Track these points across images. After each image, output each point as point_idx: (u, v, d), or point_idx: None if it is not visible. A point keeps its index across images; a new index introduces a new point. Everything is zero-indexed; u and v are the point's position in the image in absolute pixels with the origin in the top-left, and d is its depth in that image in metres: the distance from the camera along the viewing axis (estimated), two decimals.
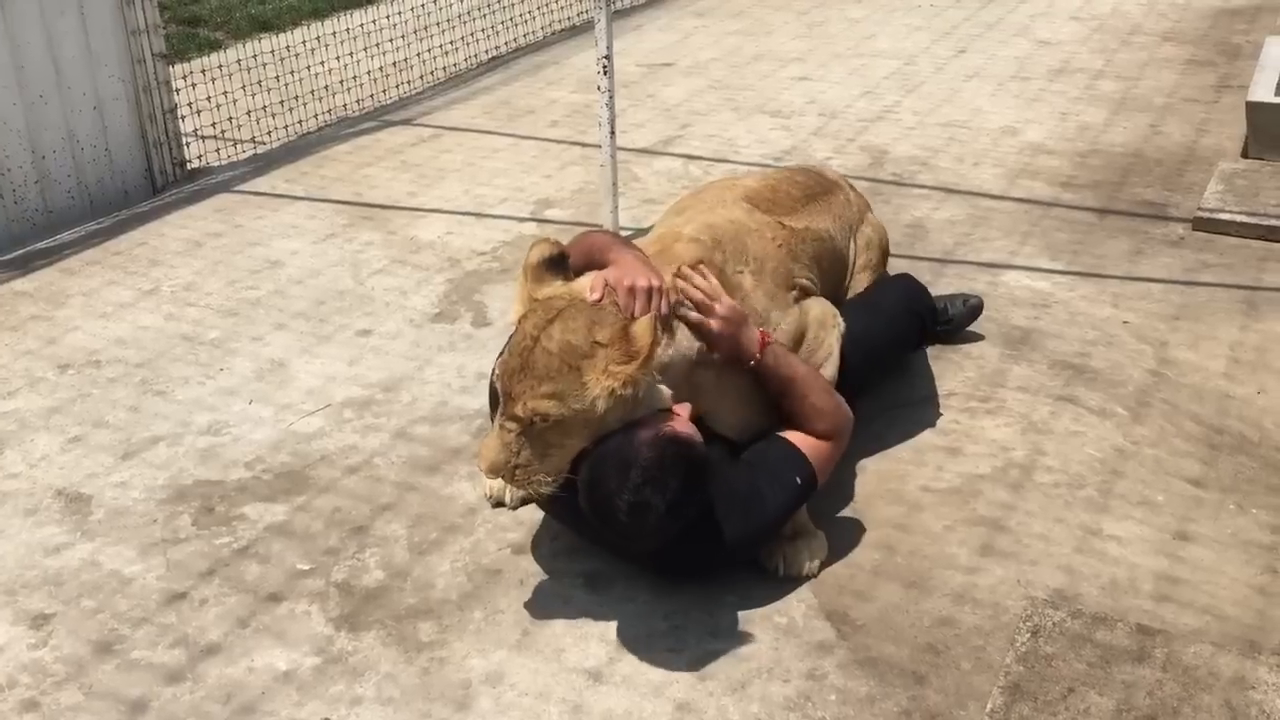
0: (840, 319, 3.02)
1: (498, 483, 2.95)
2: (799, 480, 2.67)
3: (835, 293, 3.29)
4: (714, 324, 2.66)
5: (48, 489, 3.15)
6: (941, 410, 3.36)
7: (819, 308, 3.03)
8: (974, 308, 3.70)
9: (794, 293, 3.01)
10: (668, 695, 2.44)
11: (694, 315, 2.66)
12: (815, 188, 3.39)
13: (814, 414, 2.73)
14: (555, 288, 2.61)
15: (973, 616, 2.61)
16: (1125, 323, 3.86)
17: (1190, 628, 2.57)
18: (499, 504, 2.98)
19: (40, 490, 3.14)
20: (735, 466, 2.69)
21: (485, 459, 2.47)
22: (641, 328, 2.45)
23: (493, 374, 2.60)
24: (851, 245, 3.41)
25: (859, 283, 3.41)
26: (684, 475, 2.40)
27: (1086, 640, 2.50)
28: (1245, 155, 5.07)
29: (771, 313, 2.88)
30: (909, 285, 3.48)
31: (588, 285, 2.60)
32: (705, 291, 2.68)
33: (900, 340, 3.35)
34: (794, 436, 2.72)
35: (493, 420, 2.58)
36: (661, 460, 2.38)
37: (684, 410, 2.57)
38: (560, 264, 2.66)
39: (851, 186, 3.61)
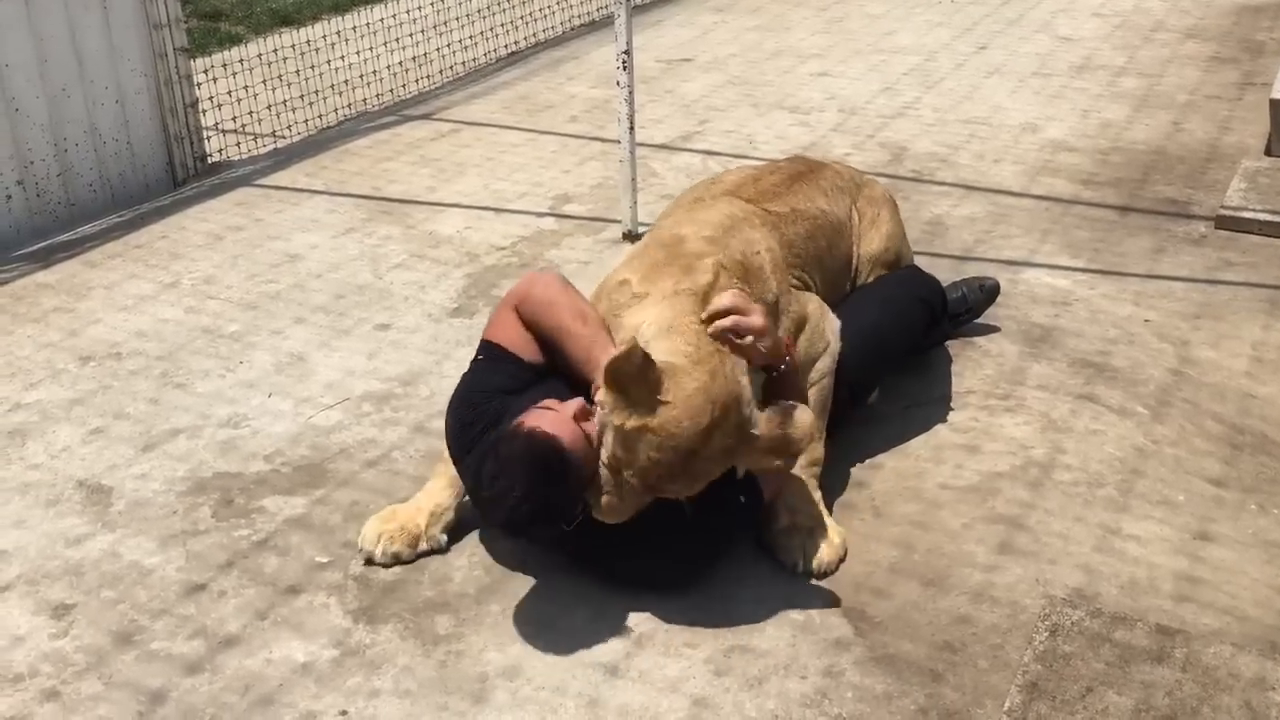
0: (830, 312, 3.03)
1: (371, 537, 2.80)
2: (742, 499, 2.69)
3: (846, 260, 3.28)
4: (762, 348, 2.60)
5: (69, 480, 3.17)
6: (960, 408, 3.34)
7: (816, 299, 3.04)
8: (991, 290, 3.69)
9: (793, 281, 3.01)
10: (684, 691, 2.44)
11: (746, 344, 2.59)
12: (799, 170, 3.36)
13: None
14: (668, 382, 2.45)
15: (991, 615, 2.60)
16: (1146, 321, 3.84)
17: (1210, 628, 2.56)
18: (369, 560, 2.80)
19: (61, 481, 3.16)
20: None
21: (612, 517, 2.50)
22: (803, 433, 2.49)
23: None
24: (853, 212, 3.36)
25: (871, 241, 3.35)
26: (535, 470, 2.40)
27: (1105, 640, 2.49)
28: (1269, 153, 5.04)
29: (781, 296, 2.88)
30: (915, 274, 3.48)
31: (688, 365, 2.48)
32: (737, 307, 2.61)
33: (910, 329, 3.30)
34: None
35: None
36: (515, 454, 2.42)
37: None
38: (651, 365, 2.45)
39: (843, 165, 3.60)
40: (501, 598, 2.70)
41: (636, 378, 2.42)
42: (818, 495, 2.85)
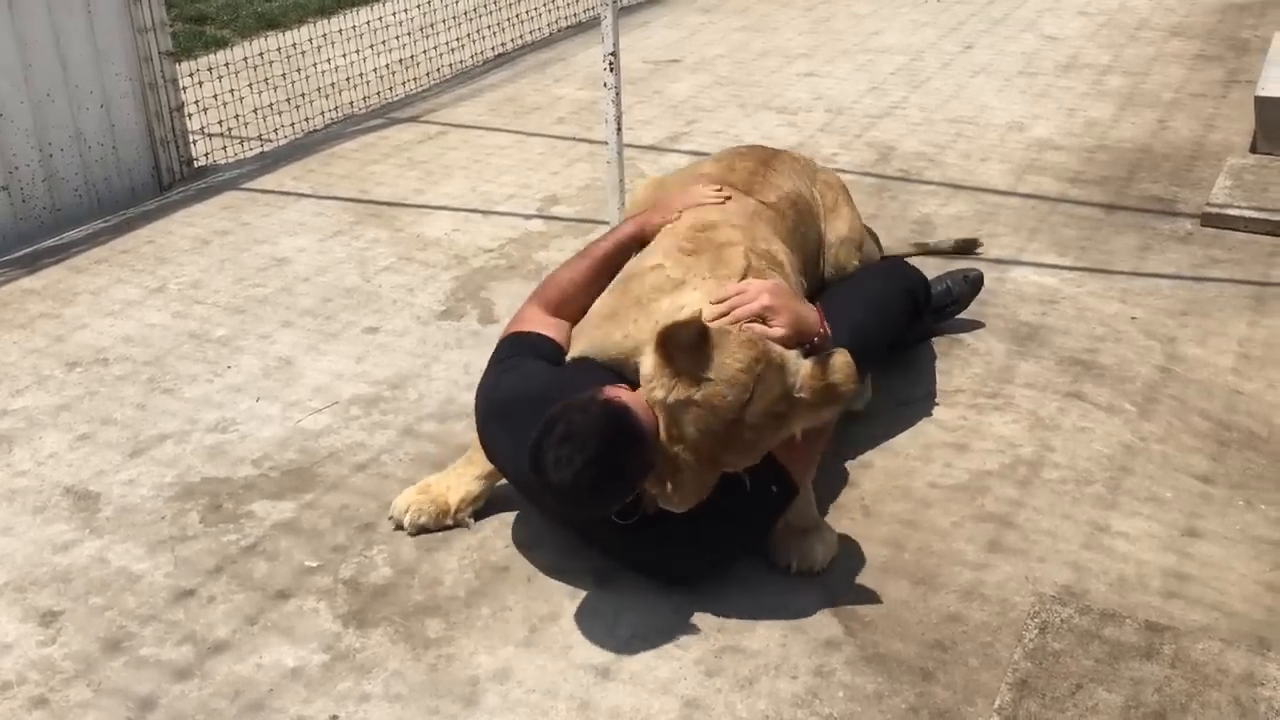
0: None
1: (402, 506, 2.91)
2: (775, 488, 2.66)
3: (817, 246, 3.32)
4: (777, 331, 2.59)
5: (56, 486, 3.15)
6: (949, 407, 3.35)
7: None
8: (975, 280, 3.73)
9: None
10: (675, 692, 2.44)
11: (762, 329, 2.58)
12: (763, 157, 3.41)
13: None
14: (714, 359, 2.46)
15: (981, 613, 2.61)
16: (1133, 319, 3.85)
17: (1199, 624, 2.57)
18: (398, 526, 2.92)
19: (48, 488, 3.15)
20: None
21: (685, 504, 2.48)
22: (845, 381, 2.48)
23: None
24: (815, 195, 3.42)
25: (837, 225, 3.39)
26: (608, 437, 2.37)
27: (1095, 637, 2.50)
28: (1254, 150, 5.06)
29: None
30: (896, 265, 3.50)
31: (734, 345, 2.47)
32: (750, 295, 2.63)
33: (894, 321, 3.32)
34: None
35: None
36: (590, 418, 2.39)
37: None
38: (706, 339, 2.46)
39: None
40: (491, 601, 2.70)
41: (689, 348, 2.43)
42: (810, 496, 2.85)
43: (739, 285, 2.69)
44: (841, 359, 2.51)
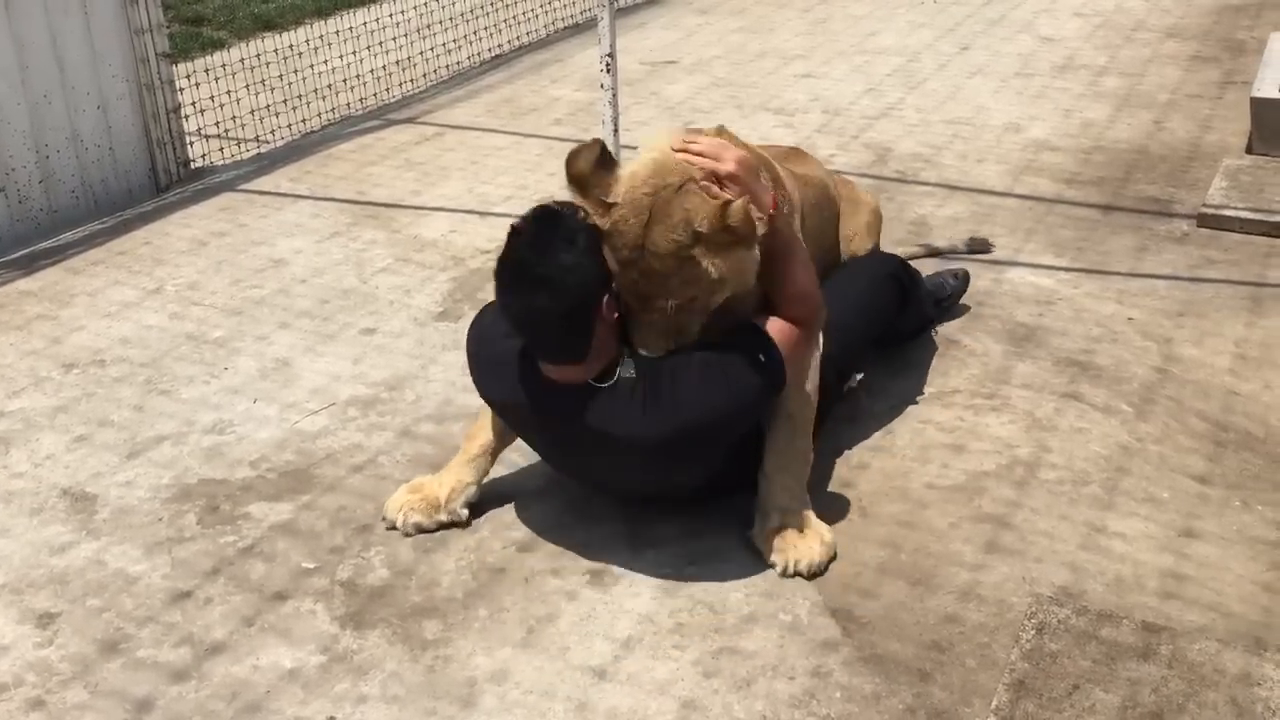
0: None
1: (394, 507, 2.93)
2: (762, 358, 2.66)
3: (834, 240, 3.38)
4: (725, 172, 2.63)
5: (53, 488, 3.15)
6: (946, 408, 3.35)
7: None
8: (964, 277, 3.81)
9: None
10: (672, 693, 2.44)
11: (709, 183, 2.63)
12: (788, 150, 3.50)
13: (795, 293, 2.73)
14: (623, 185, 2.60)
15: (978, 614, 2.61)
16: (1130, 319, 3.86)
17: (1196, 624, 2.57)
18: (392, 527, 2.93)
19: (46, 489, 3.15)
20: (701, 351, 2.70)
21: (652, 349, 2.62)
22: (737, 218, 2.51)
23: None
24: (835, 189, 3.50)
25: (856, 220, 3.50)
26: (552, 230, 2.54)
27: (1092, 637, 2.50)
28: (1250, 151, 5.06)
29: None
30: (878, 255, 3.52)
31: (647, 170, 2.60)
32: (708, 151, 2.66)
33: (884, 308, 3.32)
34: (768, 324, 2.72)
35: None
36: (531, 234, 2.56)
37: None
38: (608, 160, 2.65)
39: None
40: (489, 602, 2.70)
41: (591, 173, 2.60)
42: (806, 496, 2.85)
43: (715, 142, 2.69)
44: (739, 205, 2.53)
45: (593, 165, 2.61)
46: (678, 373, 2.63)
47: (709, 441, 2.70)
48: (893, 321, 3.41)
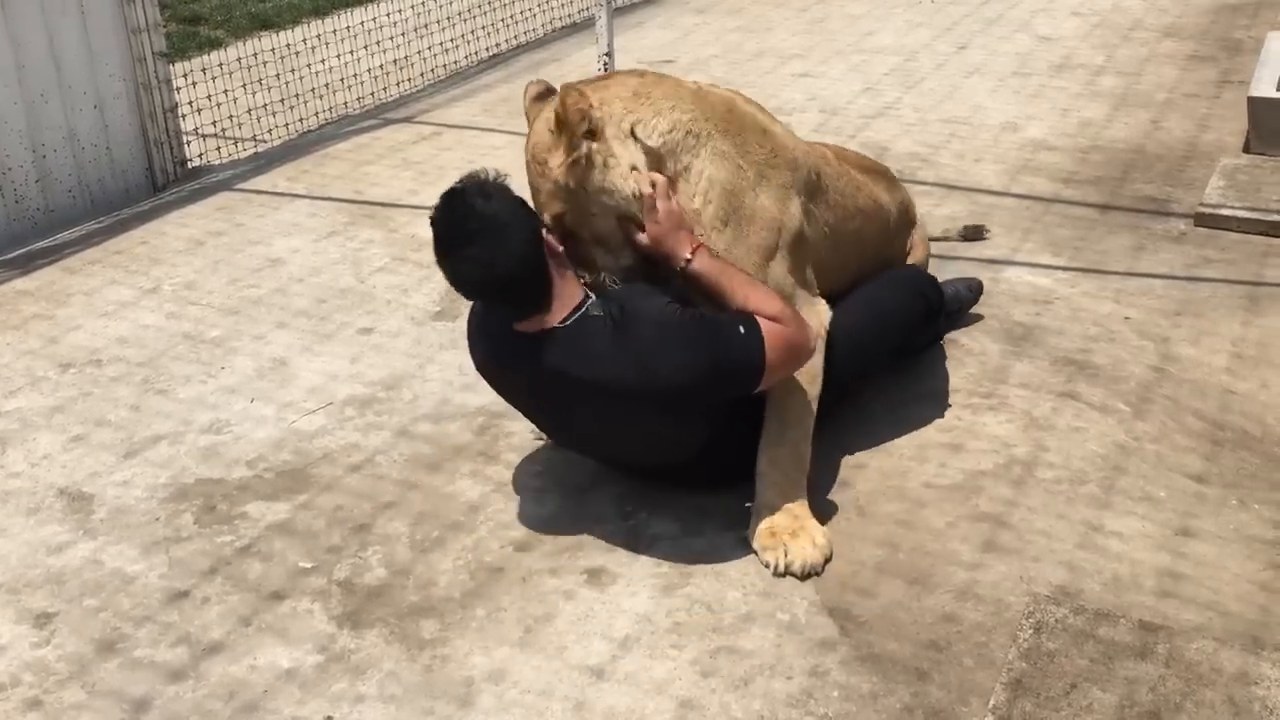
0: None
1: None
2: (741, 330, 2.65)
3: (875, 259, 3.38)
4: (650, 219, 2.73)
5: (50, 488, 3.15)
6: (943, 407, 3.35)
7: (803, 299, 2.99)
8: (978, 288, 3.79)
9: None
10: (670, 693, 2.44)
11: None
12: (873, 167, 3.63)
13: (753, 310, 2.73)
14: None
15: (975, 613, 2.61)
16: (1127, 319, 3.86)
17: (1193, 623, 2.57)
18: (539, 437, 3.18)
19: (42, 489, 3.14)
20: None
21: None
22: (557, 104, 2.67)
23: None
24: (907, 227, 3.63)
25: (917, 252, 3.65)
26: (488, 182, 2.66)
27: (1089, 636, 2.50)
28: (1247, 151, 5.07)
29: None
30: (910, 271, 3.51)
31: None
32: (655, 189, 2.74)
33: (904, 325, 3.28)
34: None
35: None
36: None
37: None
38: (550, 94, 2.84)
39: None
40: (486, 601, 2.69)
41: (529, 107, 2.89)
42: (803, 496, 2.86)
43: (674, 210, 2.74)
44: (562, 96, 2.68)
45: (534, 100, 2.89)
46: (646, 317, 2.66)
47: (681, 394, 2.68)
48: (912, 338, 3.39)
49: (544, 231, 2.68)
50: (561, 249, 2.71)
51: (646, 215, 2.72)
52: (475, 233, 2.60)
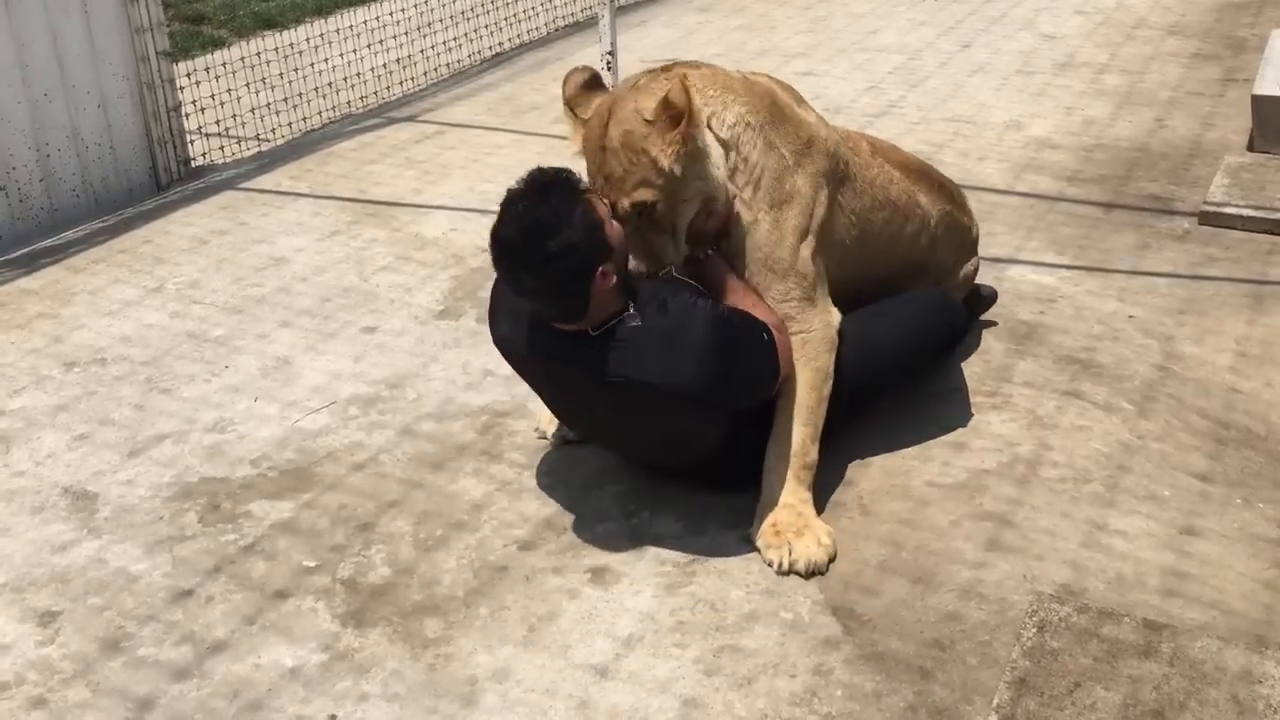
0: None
1: (546, 417, 3.19)
2: (765, 338, 2.73)
3: (903, 262, 3.31)
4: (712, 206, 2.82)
5: (54, 487, 3.15)
6: (947, 405, 3.35)
7: (815, 309, 2.96)
8: (992, 296, 3.77)
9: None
10: (674, 691, 2.44)
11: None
12: (922, 168, 3.53)
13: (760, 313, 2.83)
14: (598, 100, 2.86)
15: (979, 612, 2.61)
16: (1131, 317, 3.85)
17: (1197, 622, 2.57)
18: (543, 436, 3.22)
19: (47, 488, 3.15)
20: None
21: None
22: (674, 93, 2.68)
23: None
24: (954, 239, 3.50)
25: (965, 266, 3.56)
26: (542, 185, 2.68)
27: (1093, 635, 2.50)
28: (1251, 149, 5.06)
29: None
30: (940, 296, 3.34)
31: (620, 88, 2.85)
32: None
33: (923, 349, 3.21)
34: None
35: None
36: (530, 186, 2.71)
37: None
38: (597, 83, 2.93)
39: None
40: (490, 600, 2.70)
41: (576, 94, 2.91)
42: (808, 495, 2.86)
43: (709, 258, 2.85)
44: (676, 86, 2.69)
45: (578, 88, 2.91)
46: (682, 319, 2.69)
47: (707, 400, 2.73)
48: (924, 362, 3.26)
49: (606, 230, 2.66)
50: (626, 243, 2.73)
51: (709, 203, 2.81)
52: (541, 260, 2.61)
